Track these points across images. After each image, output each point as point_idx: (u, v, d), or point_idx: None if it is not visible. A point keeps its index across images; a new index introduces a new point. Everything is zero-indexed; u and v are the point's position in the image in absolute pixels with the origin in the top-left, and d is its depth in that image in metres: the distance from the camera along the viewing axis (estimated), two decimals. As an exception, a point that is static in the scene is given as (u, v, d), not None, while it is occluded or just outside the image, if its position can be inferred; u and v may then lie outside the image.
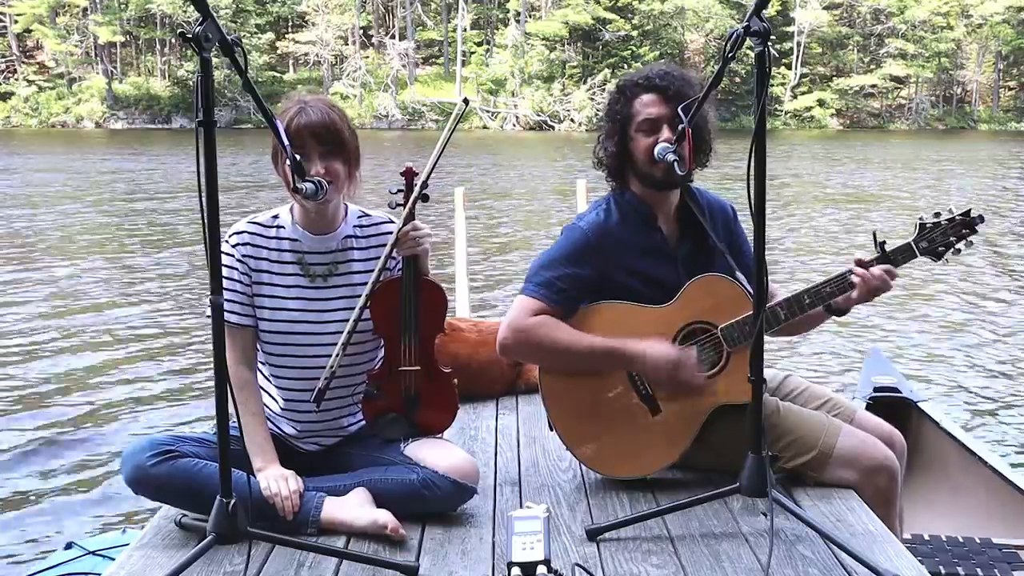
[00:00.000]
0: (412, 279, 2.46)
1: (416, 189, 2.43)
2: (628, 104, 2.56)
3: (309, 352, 2.47)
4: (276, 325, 2.47)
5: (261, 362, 2.54)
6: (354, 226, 2.54)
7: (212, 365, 1.97)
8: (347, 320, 2.43)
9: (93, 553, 3.11)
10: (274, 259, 2.48)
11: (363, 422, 2.58)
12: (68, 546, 3.24)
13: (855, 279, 2.44)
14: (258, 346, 2.51)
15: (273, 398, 2.55)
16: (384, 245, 2.50)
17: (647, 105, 2.53)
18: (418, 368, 2.51)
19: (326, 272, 2.49)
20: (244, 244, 2.46)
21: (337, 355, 2.41)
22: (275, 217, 2.52)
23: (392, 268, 2.50)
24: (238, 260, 2.45)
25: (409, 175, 2.46)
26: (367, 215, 2.58)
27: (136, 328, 7.88)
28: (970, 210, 2.46)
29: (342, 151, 2.40)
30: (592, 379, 2.55)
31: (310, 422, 2.54)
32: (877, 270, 2.43)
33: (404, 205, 2.43)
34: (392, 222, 2.55)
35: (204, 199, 1.87)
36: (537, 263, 2.57)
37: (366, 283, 2.45)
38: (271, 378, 2.54)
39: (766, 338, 2.23)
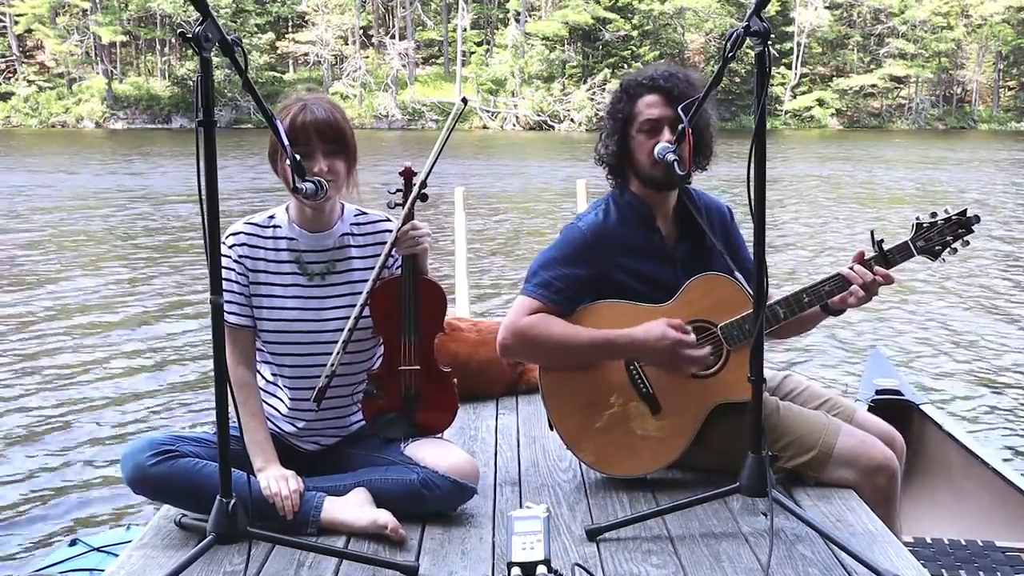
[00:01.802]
0: (411, 278, 2.46)
1: (415, 189, 2.43)
2: (631, 104, 2.56)
3: (309, 351, 2.47)
4: (275, 324, 2.46)
5: (263, 362, 2.54)
6: (351, 224, 2.54)
7: (212, 365, 1.97)
8: (346, 318, 2.43)
9: (97, 550, 3.13)
10: (271, 259, 2.48)
11: (363, 422, 2.58)
12: (73, 543, 3.25)
13: (851, 278, 2.44)
14: (259, 347, 2.51)
15: (275, 398, 2.55)
16: (382, 243, 2.50)
17: (649, 106, 2.52)
18: (418, 367, 2.51)
19: (324, 270, 2.49)
20: (241, 245, 2.46)
21: (338, 353, 2.41)
22: (271, 217, 2.52)
23: (391, 267, 2.50)
24: (235, 261, 2.45)
25: (408, 175, 2.46)
26: (364, 213, 2.58)
27: (138, 329, 7.88)
28: (966, 210, 2.48)
29: (345, 149, 2.41)
30: (592, 378, 2.55)
31: (311, 421, 2.53)
32: (861, 269, 2.44)
33: (403, 205, 2.44)
34: (389, 220, 2.56)
35: (204, 199, 1.87)
36: (536, 263, 2.57)
37: (364, 280, 2.46)
38: (272, 378, 2.54)
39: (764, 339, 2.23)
